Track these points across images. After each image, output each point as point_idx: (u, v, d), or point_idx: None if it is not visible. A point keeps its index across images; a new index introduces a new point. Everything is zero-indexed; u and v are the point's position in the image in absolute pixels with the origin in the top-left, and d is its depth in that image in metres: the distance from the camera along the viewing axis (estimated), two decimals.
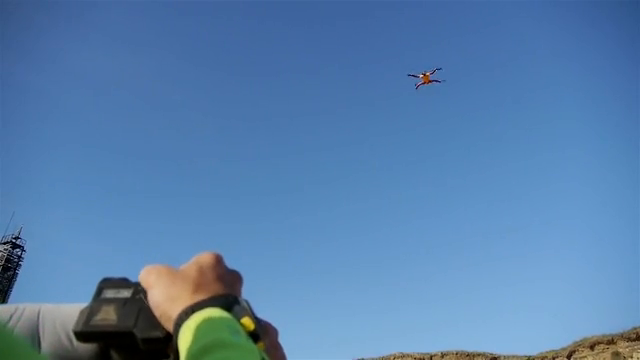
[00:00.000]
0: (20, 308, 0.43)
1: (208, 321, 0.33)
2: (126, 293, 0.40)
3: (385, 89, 74.29)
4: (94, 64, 73.00)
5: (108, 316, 0.38)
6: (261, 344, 0.35)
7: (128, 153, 77.20)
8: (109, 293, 0.40)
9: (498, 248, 68.15)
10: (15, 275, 35.36)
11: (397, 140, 75.46)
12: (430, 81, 30.30)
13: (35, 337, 0.41)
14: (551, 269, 61.33)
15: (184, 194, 77.67)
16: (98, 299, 0.40)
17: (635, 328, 31.60)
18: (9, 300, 34.06)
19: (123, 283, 0.41)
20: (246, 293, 0.43)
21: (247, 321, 0.34)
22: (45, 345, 0.41)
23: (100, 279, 0.42)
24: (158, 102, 78.08)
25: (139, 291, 0.40)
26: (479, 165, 70.39)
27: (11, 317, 0.42)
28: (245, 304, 0.37)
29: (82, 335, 0.38)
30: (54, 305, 0.44)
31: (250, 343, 0.33)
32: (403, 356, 37.03)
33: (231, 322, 0.34)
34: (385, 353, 37.99)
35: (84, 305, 0.40)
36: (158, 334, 0.38)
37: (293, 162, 77.79)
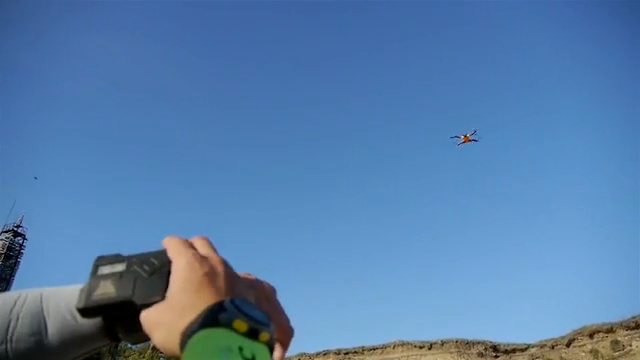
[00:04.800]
0: (23, 294, 0.44)
1: (195, 354, 0.32)
2: (120, 267, 0.42)
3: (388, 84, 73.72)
4: (100, 54, 72.41)
5: (107, 290, 0.40)
6: (264, 334, 0.34)
7: (131, 142, 76.84)
8: (105, 269, 0.42)
9: (498, 238, 68.40)
10: (17, 263, 35.24)
11: (405, 132, 75.19)
12: (469, 140, 36.19)
13: (41, 319, 0.42)
14: (551, 259, 61.75)
15: (186, 182, 77.52)
16: (95, 276, 0.41)
17: (634, 317, 31.81)
18: (12, 287, 33.85)
19: (116, 258, 0.43)
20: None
21: (238, 324, 0.33)
22: (51, 326, 0.42)
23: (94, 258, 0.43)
24: (162, 91, 77.51)
25: (132, 263, 0.42)
26: (480, 157, 70.28)
27: (15, 303, 0.43)
28: (231, 305, 0.35)
29: (85, 311, 0.40)
30: (55, 288, 0.46)
31: (243, 353, 0.32)
32: (403, 344, 37.24)
33: (219, 339, 0.32)
34: (386, 341, 38.30)
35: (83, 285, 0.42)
36: (157, 299, 0.39)
37: (298, 154, 77.55)
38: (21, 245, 35.77)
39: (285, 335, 0.43)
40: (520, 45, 71.35)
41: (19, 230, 35.85)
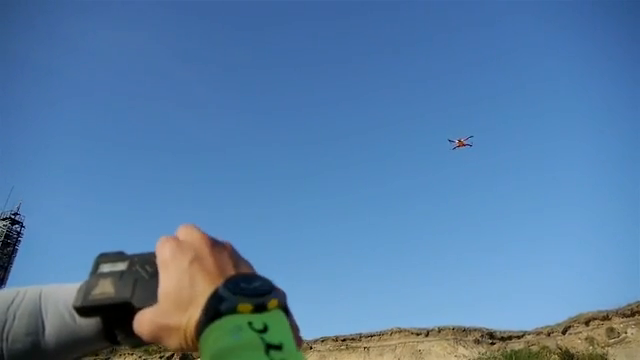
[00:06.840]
0: (22, 291, 0.43)
1: (209, 346, 0.32)
2: (122, 266, 0.40)
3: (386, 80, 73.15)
4: (108, 47, 71.54)
5: (105, 289, 0.39)
6: (272, 302, 0.34)
7: (135, 138, 76.45)
8: (106, 267, 0.40)
9: (495, 229, 68.58)
10: (15, 251, 35.27)
11: (402, 130, 74.89)
12: (464, 145, 36.98)
13: (38, 318, 0.41)
14: (547, 246, 61.90)
15: (192, 181, 77.34)
16: (95, 274, 0.40)
17: (630, 304, 31.89)
18: (10, 275, 34.14)
19: (119, 257, 0.41)
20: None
21: (242, 307, 0.33)
22: (48, 325, 0.41)
23: (97, 254, 0.42)
24: (170, 89, 76.87)
25: (134, 263, 0.40)
26: (477, 153, 70.17)
27: (13, 300, 0.41)
28: (226, 291, 0.34)
29: (82, 310, 0.39)
30: (55, 285, 0.44)
31: (251, 332, 0.31)
32: (400, 331, 37.44)
33: (229, 323, 0.32)
34: (383, 328, 38.56)
35: None
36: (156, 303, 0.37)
37: (296, 153, 77.33)
38: (19, 233, 35.74)
39: None
40: (517, 45, 70.70)
41: (17, 218, 35.77)
